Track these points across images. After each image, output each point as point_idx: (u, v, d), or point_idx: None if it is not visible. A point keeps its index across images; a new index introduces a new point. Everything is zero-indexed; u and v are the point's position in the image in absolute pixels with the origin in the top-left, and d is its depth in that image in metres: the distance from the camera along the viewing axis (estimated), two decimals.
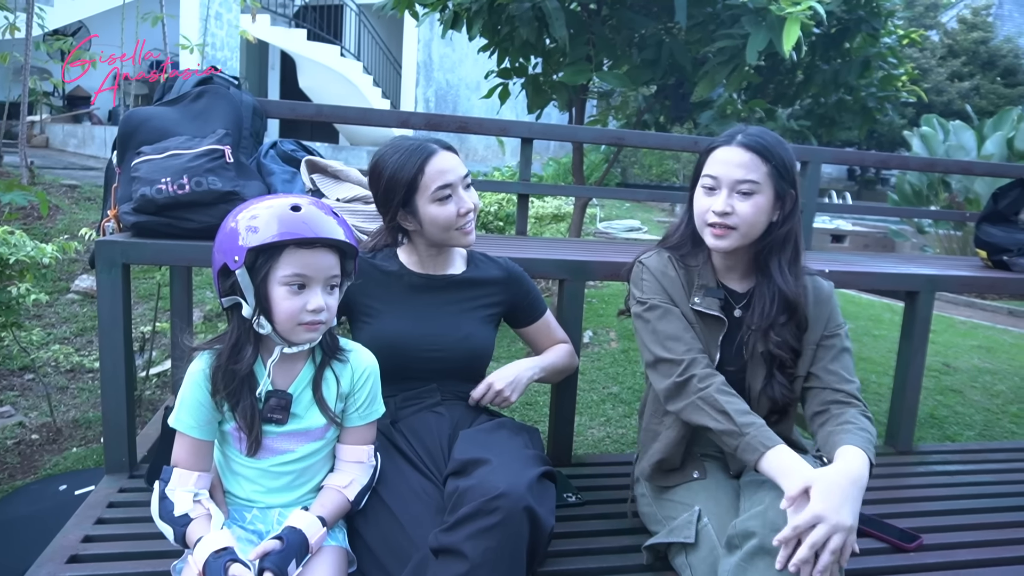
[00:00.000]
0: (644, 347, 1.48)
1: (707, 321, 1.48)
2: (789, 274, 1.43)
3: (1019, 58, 15.30)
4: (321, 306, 1.22)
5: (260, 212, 1.21)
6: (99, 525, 1.52)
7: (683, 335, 1.44)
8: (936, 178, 7.92)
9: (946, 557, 1.56)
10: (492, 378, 1.55)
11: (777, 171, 1.38)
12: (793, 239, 1.44)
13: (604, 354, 4.16)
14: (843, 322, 1.51)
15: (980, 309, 6.72)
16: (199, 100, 1.86)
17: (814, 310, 1.47)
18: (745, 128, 1.43)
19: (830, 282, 1.54)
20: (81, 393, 3.22)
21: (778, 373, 1.44)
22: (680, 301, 1.48)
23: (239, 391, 1.26)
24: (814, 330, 1.46)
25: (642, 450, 1.58)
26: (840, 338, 1.47)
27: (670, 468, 1.50)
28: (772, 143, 1.40)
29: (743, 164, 1.38)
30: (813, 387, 1.44)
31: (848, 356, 1.46)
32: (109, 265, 1.63)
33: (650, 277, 1.50)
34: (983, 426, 3.61)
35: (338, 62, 10.32)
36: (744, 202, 1.38)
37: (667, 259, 1.52)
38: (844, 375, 1.43)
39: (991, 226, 2.44)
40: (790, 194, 1.41)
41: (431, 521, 1.26)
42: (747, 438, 1.29)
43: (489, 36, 3.45)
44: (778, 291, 1.42)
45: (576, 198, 3.93)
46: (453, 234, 1.52)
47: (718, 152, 1.42)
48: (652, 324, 1.46)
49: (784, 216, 1.42)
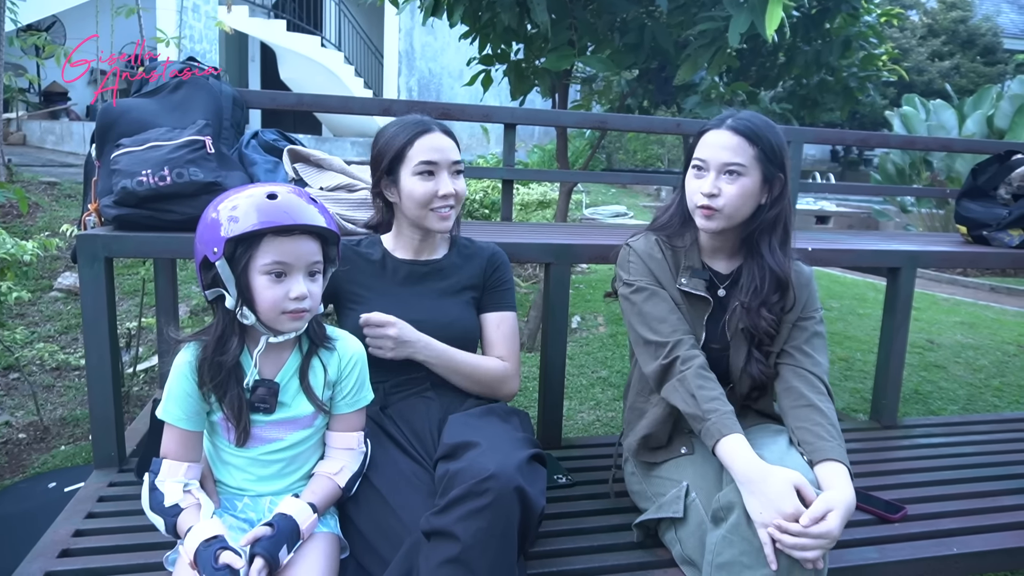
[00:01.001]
0: (631, 328, 1.51)
1: (693, 301, 1.50)
2: (781, 255, 1.46)
3: (997, 37, 15.39)
4: (304, 293, 1.22)
5: (240, 202, 1.21)
6: (90, 519, 1.52)
7: (669, 316, 1.46)
8: (918, 157, 7.98)
9: (930, 527, 1.59)
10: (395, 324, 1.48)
11: (764, 154, 1.40)
12: (783, 221, 1.47)
13: (592, 339, 4.18)
14: (820, 307, 1.55)
15: (962, 286, 6.81)
16: (178, 91, 1.84)
17: (795, 292, 1.50)
18: (736, 112, 1.45)
19: (810, 268, 1.58)
20: (67, 391, 3.19)
21: (756, 351, 1.48)
22: (667, 283, 1.51)
23: (226, 382, 1.26)
24: (793, 311, 1.50)
25: (628, 427, 1.60)
26: (814, 321, 1.50)
27: (657, 445, 1.52)
28: (761, 127, 1.42)
29: (730, 147, 1.40)
30: (785, 364, 1.48)
31: (820, 340, 1.49)
32: (91, 259, 1.62)
33: (637, 259, 1.53)
34: (966, 400, 3.67)
35: (319, 52, 10.22)
36: (730, 184, 1.40)
37: (654, 242, 1.55)
38: (815, 357, 1.46)
39: (971, 202, 2.47)
40: (779, 178, 1.43)
41: (422, 505, 1.27)
42: (708, 424, 1.33)
43: (470, 23, 3.43)
44: (769, 270, 1.45)
45: (561, 184, 3.92)
46: (428, 214, 1.52)
47: (708, 135, 1.44)
48: (639, 306, 1.49)
49: (773, 199, 1.44)
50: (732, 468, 1.27)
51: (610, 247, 1.88)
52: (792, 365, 1.46)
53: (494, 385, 1.58)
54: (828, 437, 1.33)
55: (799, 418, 1.39)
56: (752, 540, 1.19)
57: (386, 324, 1.47)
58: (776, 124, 1.46)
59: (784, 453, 1.32)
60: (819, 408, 1.39)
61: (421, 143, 1.50)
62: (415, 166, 1.50)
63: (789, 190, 1.47)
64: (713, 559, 1.23)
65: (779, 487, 1.20)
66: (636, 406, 1.58)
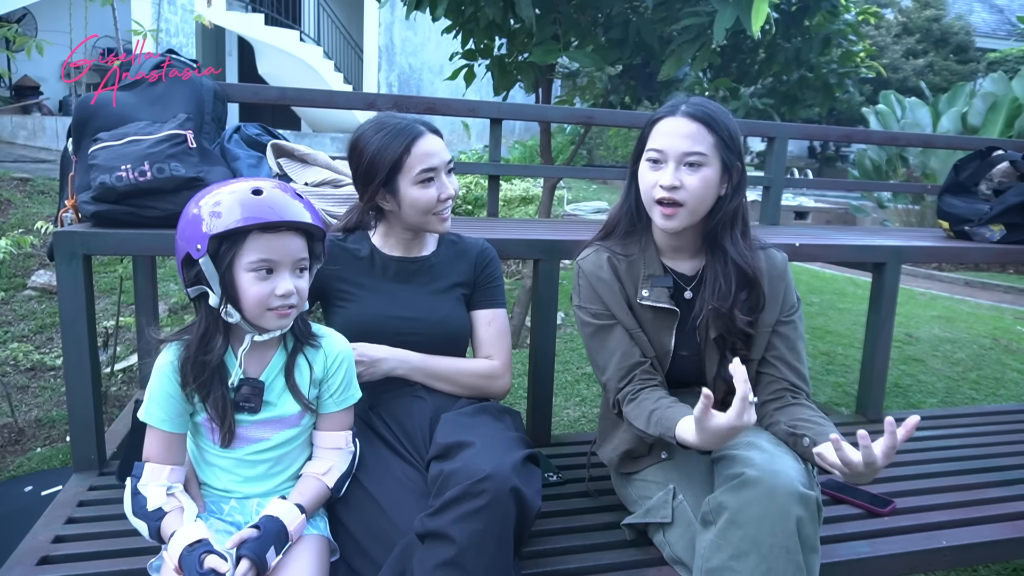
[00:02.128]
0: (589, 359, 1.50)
1: (658, 312, 1.42)
2: (744, 246, 1.37)
3: (970, 35, 15.66)
4: (290, 290, 1.20)
5: (223, 197, 1.18)
6: (70, 525, 1.47)
7: (613, 356, 1.41)
8: (894, 154, 8.10)
9: (919, 520, 1.60)
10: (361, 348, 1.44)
11: (724, 142, 1.32)
12: (742, 213, 1.39)
13: (576, 335, 4.17)
14: (797, 300, 1.46)
15: (938, 280, 6.91)
16: (158, 84, 1.80)
17: (770, 284, 1.41)
18: (688, 98, 1.36)
19: (784, 254, 1.48)
20: (43, 392, 3.12)
21: (729, 355, 1.39)
22: (617, 306, 1.42)
23: (210, 382, 1.23)
24: (770, 310, 1.41)
25: (602, 435, 1.57)
26: (794, 324, 1.43)
27: (639, 455, 1.49)
28: (717, 113, 1.33)
29: (690, 135, 1.31)
30: (766, 374, 1.42)
31: (801, 343, 1.43)
32: (69, 257, 1.58)
33: (585, 282, 1.45)
34: (945, 393, 3.73)
35: (298, 47, 10.10)
36: (692, 175, 1.31)
37: (605, 260, 1.44)
38: (797, 366, 1.41)
39: (953, 197, 2.49)
40: (736, 166, 1.35)
41: (414, 506, 1.25)
42: (663, 436, 1.29)
43: (453, 17, 3.39)
44: (733, 265, 1.36)
45: (545, 180, 3.91)
46: (430, 219, 1.49)
47: (662, 124, 1.34)
48: (586, 340, 1.46)
49: (733, 190, 1.36)
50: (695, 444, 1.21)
51: None
52: (775, 377, 1.41)
53: (481, 386, 1.55)
54: (824, 423, 1.31)
55: (791, 415, 1.36)
56: (741, 544, 1.16)
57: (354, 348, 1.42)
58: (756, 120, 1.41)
59: (774, 452, 1.26)
60: (806, 406, 1.38)
61: (417, 150, 1.44)
62: (415, 175, 1.44)
63: (746, 180, 1.39)
64: (703, 564, 1.20)
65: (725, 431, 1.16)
66: (609, 415, 1.54)
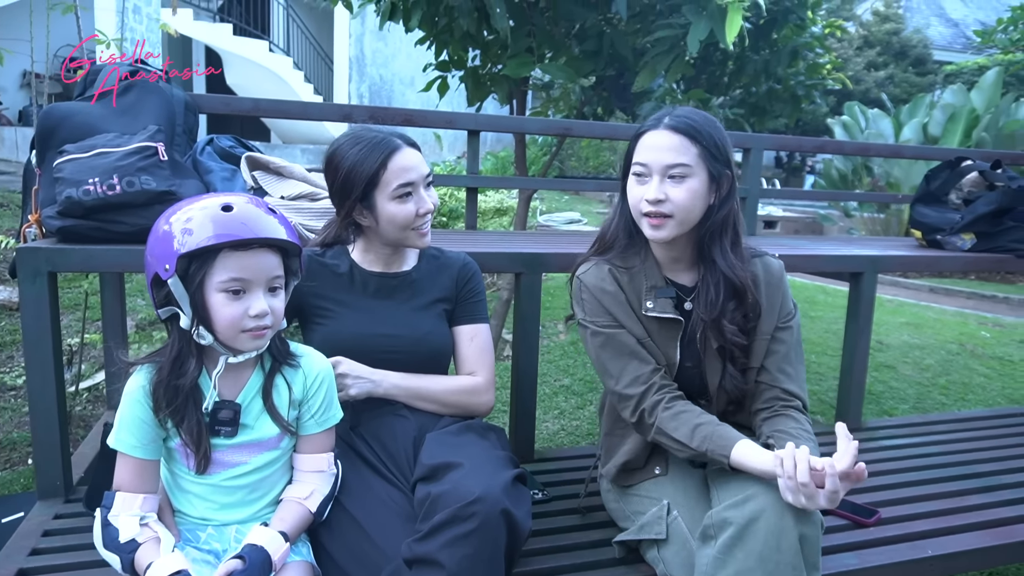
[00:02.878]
0: (598, 373, 1.46)
1: (663, 324, 1.41)
2: (733, 257, 1.37)
3: (928, 48, 16.13)
4: (264, 310, 1.15)
5: (194, 214, 1.13)
6: (34, 556, 1.40)
7: (629, 364, 1.39)
8: (859, 163, 8.27)
9: (905, 529, 1.60)
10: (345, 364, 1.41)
11: (709, 152, 1.31)
12: (732, 222, 1.37)
13: (553, 347, 4.16)
14: (794, 307, 1.47)
15: (903, 287, 7.06)
16: (127, 94, 1.74)
17: (767, 293, 1.42)
18: (672, 110, 1.35)
19: (780, 261, 1.48)
20: (3, 412, 3.00)
21: (730, 365, 1.41)
22: (625, 316, 1.41)
23: (184, 406, 1.18)
24: (767, 318, 1.41)
25: (607, 454, 1.55)
26: (791, 331, 1.43)
27: (635, 467, 1.47)
28: (701, 123, 1.32)
29: (672, 147, 1.30)
30: (762, 382, 1.42)
31: (797, 350, 1.44)
32: (33, 274, 1.51)
33: (589, 296, 1.43)
34: (916, 399, 3.79)
35: (267, 57, 10.00)
36: (677, 187, 1.31)
37: (606, 272, 1.43)
38: (791, 373, 1.41)
39: (924, 207, 2.54)
40: (726, 175, 1.34)
41: (400, 530, 1.21)
42: (708, 454, 1.29)
43: (427, 28, 3.37)
44: (723, 277, 1.36)
45: (520, 191, 3.90)
46: (409, 234, 1.46)
47: (646, 137, 1.34)
48: (596, 352, 1.42)
49: (722, 199, 1.35)
50: (754, 472, 1.22)
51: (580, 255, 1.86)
52: (769, 385, 1.41)
53: (465, 404, 1.51)
54: (804, 436, 1.31)
55: (773, 426, 1.36)
56: (747, 560, 1.15)
57: (334, 364, 1.37)
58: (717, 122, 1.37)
59: None
60: (796, 418, 1.37)
61: (394, 164, 1.40)
62: (393, 190, 1.41)
63: (736, 188, 1.39)
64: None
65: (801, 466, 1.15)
66: (615, 432, 1.52)
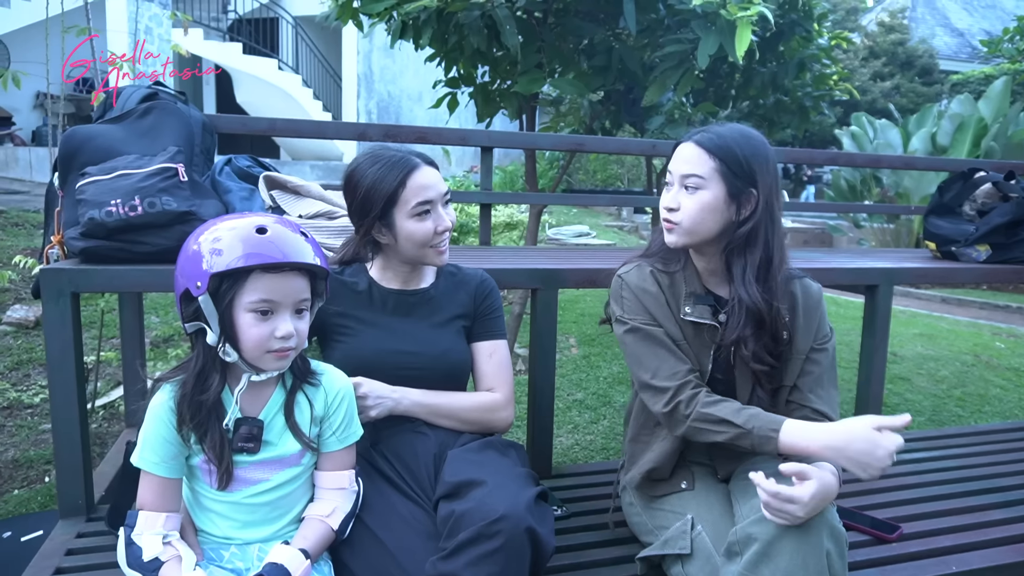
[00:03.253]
0: (630, 366, 1.45)
1: (699, 330, 1.43)
2: (754, 282, 1.35)
3: (934, 58, 16.14)
4: (290, 332, 1.17)
5: (223, 234, 1.15)
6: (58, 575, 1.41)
7: (666, 359, 1.39)
8: (868, 174, 8.25)
9: (928, 544, 1.59)
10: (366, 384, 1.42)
11: (728, 167, 1.33)
12: (760, 243, 1.36)
13: (566, 361, 4.15)
14: (830, 330, 1.47)
15: (915, 298, 7.02)
16: (147, 116, 1.77)
17: (804, 315, 1.42)
18: (712, 127, 1.39)
19: (818, 284, 1.48)
20: (20, 431, 3.01)
21: (759, 389, 1.41)
22: (663, 317, 1.43)
23: (207, 421, 1.19)
24: (803, 338, 1.42)
25: (630, 460, 1.54)
26: (827, 353, 1.43)
27: (660, 478, 1.47)
28: (729, 140, 1.35)
29: (688, 159, 1.36)
30: (793, 401, 1.42)
31: (832, 374, 1.44)
32: (57, 295, 1.53)
33: (630, 295, 1.45)
34: (931, 411, 3.76)
35: (276, 75, 10.10)
36: (689, 198, 1.36)
37: (648, 273, 1.46)
38: (823, 394, 1.41)
39: (938, 218, 2.53)
40: (749, 193, 1.35)
41: (422, 548, 1.21)
42: (754, 432, 1.28)
43: (437, 46, 3.41)
44: (738, 300, 1.36)
45: (531, 205, 3.92)
46: (428, 252, 1.47)
47: (678, 149, 1.41)
48: (633, 348, 1.42)
49: (744, 217, 1.36)
50: (809, 450, 1.22)
51: (598, 271, 1.87)
52: (800, 404, 1.41)
53: (485, 420, 1.52)
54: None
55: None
56: (773, 574, 1.14)
57: (355, 386, 1.38)
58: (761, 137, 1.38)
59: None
60: None
61: (413, 183, 1.42)
62: (412, 208, 1.42)
63: (772, 208, 1.36)
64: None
65: (868, 435, 1.18)
66: (641, 438, 1.52)
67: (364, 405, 1.39)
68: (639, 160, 10.52)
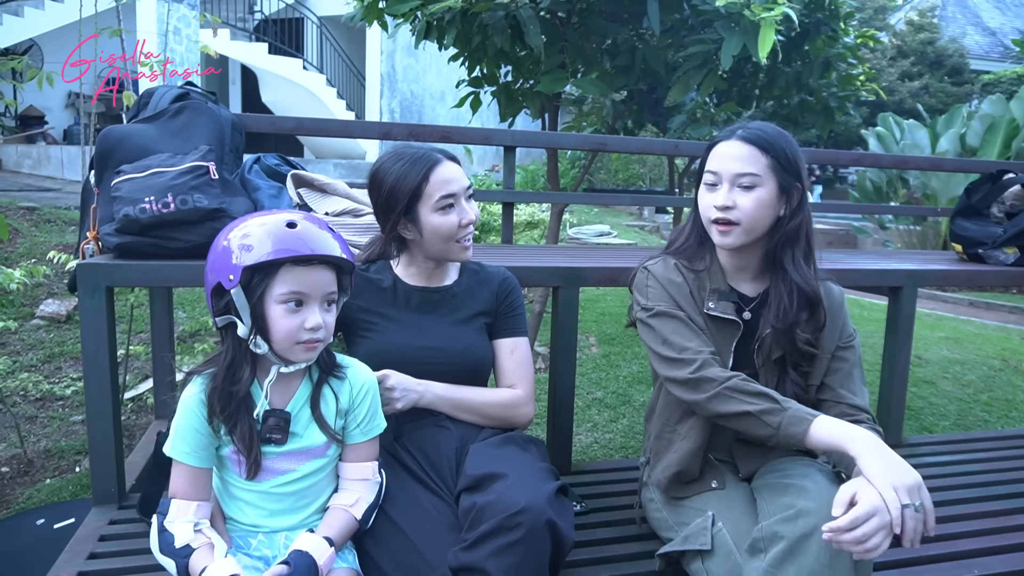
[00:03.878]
0: (652, 352, 1.45)
1: (720, 326, 1.45)
2: (806, 268, 1.40)
3: (964, 58, 15.85)
4: (319, 324, 1.20)
5: (253, 230, 1.19)
6: (92, 560, 1.45)
7: (692, 339, 1.40)
8: (895, 175, 8.14)
9: (950, 548, 1.58)
10: (393, 377, 1.44)
11: (779, 163, 1.36)
12: (805, 234, 1.41)
13: (586, 359, 4.16)
14: (855, 330, 1.49)
15: (942, 301, 6.92)
16: (179, 116, 1.81)
17: (828, 317, 1.44)
18: (747, 123, 1.41)
19: (839, 287, 1.52)
20: (52, 422, 3.10)
21: (792, 371, 1.42)
22: (688, 308, 1.44)
23: (236, 413, 1.23)
24: (829, 337, 1.44)
25: (654, 458, 1.55)
26: (853, 350, 1.46)
27: (689, 479, 1.47)
28: (773, 136, 1.38)
29: (742, 157, 1.36)
30: (826, 400, 1.43)
31: (860, 369, 1.46)
32: (92, 289, 1.58)
33: (655, 284, 1.47)
34: (957, 416, 3.71)
35: (301, 75, 10.22)
36: (746, 196, 1.36)
37: (673, 265, 1.49)
38: (855, 390, 1.43)
39: (965, 220, 2.51)
40: (796, 187, 1.38)
41: (444, 539, 1.23)
42: (790, 412, 1.26)
43: (461, 46, 3.43)
44: (795, 287, 1.39)
45: (552, 205, 3.93)
46: (452, 246, 1.50)
47: (718, 147, 1.41)
48: (658, 330, 1.43)
49: (792, 210, 1.40)
50: (843, 437, 1.19)
51: (619, 270, 1.88)
52: (833, 402, 1.42)
53: (505, 416, 1.54)
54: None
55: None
56: (799, 573, 1.14)
57: (383, 378, 1.41)
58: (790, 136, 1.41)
59: (829, 485, 1.25)
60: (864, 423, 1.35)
61: (436, 177, 1.46)
62: (435, 202, 1.46)
63: (807, 202, 1.41)
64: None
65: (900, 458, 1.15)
66: (664, 436, 1.53)
67: (391, 397, 1.42)
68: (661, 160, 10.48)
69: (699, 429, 1.44)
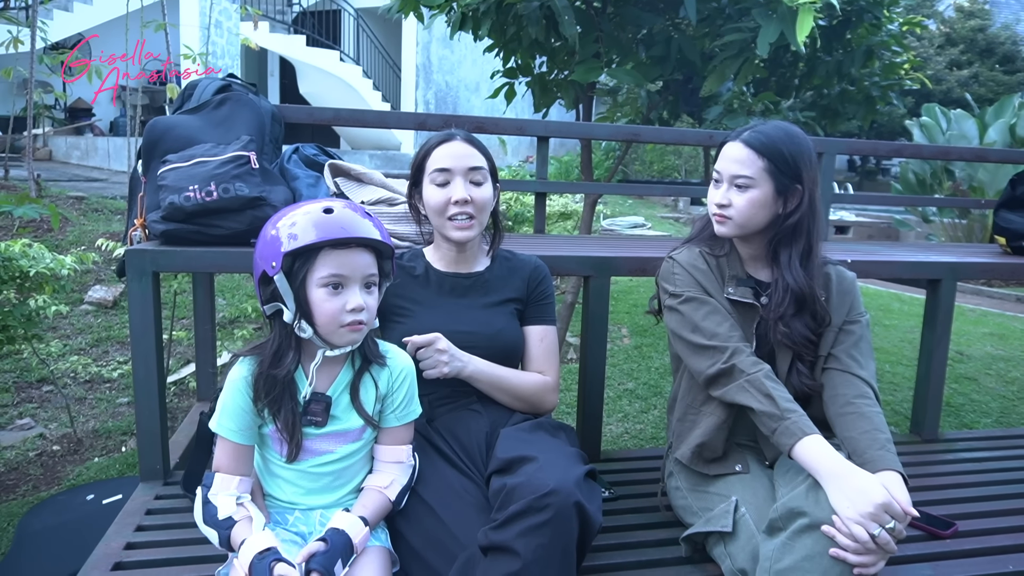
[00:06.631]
0: (680, 339, 1.49)
1: (741, 309, 1.50)
2: (799, 267, 1.45)
3: (1017, 45, 15.29)
4: (360, 305, 1.24)
5: (298, 218, 1.23)
6: (139, 532, 1.52)
7: (723, 323, 1.46)
8: (939, 166, 7.91)
9: (982, 543, 1.56)
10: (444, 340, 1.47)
11: (775, 166, 1.41)
12: (804, 233, 1.46)
13: (617, 351, 4.16)
14: (865, 311, 1.54)
15: (988, 297, 6.73)
16: (221, 107, 1.87)
17: (837, 299, 1.50)
18: (756, 124, 1.47)
19: (853, 273, 1.57)
20: (99, 403, 3.22)
21: (798, 363, 1.48)
22: (715, 292, 1.50)
23: (280, 397, 1.27)
24: (836, 315, 1.50)
25: (676, 440, 1.58)
26: (860, 325, 1.51)
27: (712, 456, 1.50)
28: (775, 139, 1.42)
29: (738, 160, 1.43)
30: (831, 368, 1.48)
31: (866, 343, 1.50)
32: (140, 274, 1.64)
33: (682, 271, 1.52)
34: (999, 413, 3.62)
35: (338, 67, 10.34)
36: (740, 195, 1.44)
37: (697, 253, 1.55)
38: (861, 360, 1.47)
39: (1009, 212, 2.44)
40: (795, 189, 1.43)
41: (474, 519, 1.26)
42: (787, 423, 1.32)
43: (496, 36, 3.45)
44: (787, 285, 1.45)
45: (586, 195, 3.93)
46: (445, 223, 1.53)
47: (725, 147, 1.48)
48: (688, 316, 1.48)
49: (791, 210, 1.45)
50: (817, 465, 1.26)
51: (649, 259, 1.88)
52: (838, 370, 1.46)
53: (535, 400, 1.57)
54: (879, 446, 1.31)
55: (848, 427, 1.37)
56: (813, 547, 1.18)
57: (433, 341, 1.46)
58: (802, 134, 1.46)
59: None
60: (867, 415, 1.37)
61: (440, 151, 1.52)
62: (430, 174, 1.53)
63: (814, 200, 1.46)
64: (771, 565, 1.21)
65: (867, 480, 1.21)
66: (687, 418, 1.56)
67: (439, 360, 1.46)
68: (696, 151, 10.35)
69: (723, 407, 1.48)
